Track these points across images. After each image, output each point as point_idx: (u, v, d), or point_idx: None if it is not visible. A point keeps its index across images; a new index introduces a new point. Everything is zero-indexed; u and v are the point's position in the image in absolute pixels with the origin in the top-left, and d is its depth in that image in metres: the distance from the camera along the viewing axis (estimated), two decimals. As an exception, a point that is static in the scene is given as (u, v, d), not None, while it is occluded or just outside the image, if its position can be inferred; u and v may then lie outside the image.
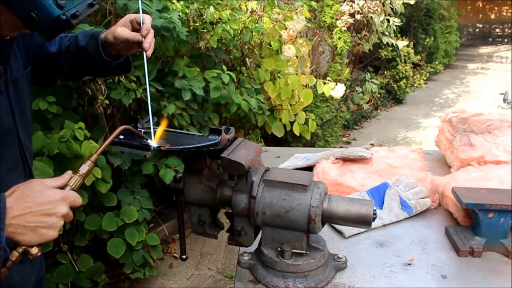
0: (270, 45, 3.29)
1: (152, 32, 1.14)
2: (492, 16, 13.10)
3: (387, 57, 6.89)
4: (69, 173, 0.90)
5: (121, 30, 1.14)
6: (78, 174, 0.89)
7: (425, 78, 8.46)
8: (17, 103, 1.02)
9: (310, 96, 3.60)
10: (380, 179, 1.50)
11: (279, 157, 1.82)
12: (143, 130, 1.05)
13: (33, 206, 0.81)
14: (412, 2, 5.66)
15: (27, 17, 0.86)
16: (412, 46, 7.37)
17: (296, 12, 3.53)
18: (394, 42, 5.67)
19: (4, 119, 0.98)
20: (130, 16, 1.16)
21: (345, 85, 4.13)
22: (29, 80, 1.11)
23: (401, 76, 7.10)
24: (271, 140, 3.96)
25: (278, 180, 1.02)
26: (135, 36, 1.12)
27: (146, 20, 1.14)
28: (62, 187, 0.87)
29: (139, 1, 1.17)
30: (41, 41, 1.20)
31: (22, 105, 1.05)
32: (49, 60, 1.22)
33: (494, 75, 9.45)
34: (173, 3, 2.57)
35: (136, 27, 1.14)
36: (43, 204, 0.82)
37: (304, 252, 1.04)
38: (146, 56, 1.11)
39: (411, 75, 7.47)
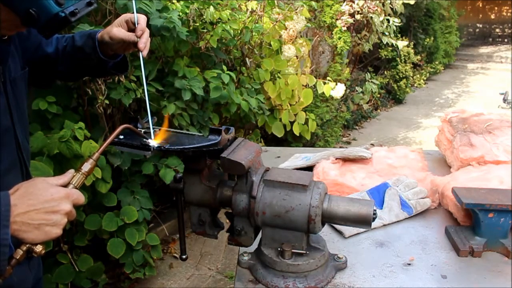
0: (270, 45, 3.29)
1: (147, 32, 1.14)
2: (492, 16, 13.09)
3: (387, 57, 6.89)
4: (71, 171, 0.90)
5: (117, 30, 1.14)
6: (80, 173, 0.89)
7: (425, 78, 8.45)
8: (15, 103, 1.03)
9: (310, 96, 3.60)
10: (380, 179, 1.50)
11: (279, 157, 1.82)
12: (143, 130, 1.05)
13: (37, 204, 0.81)
14: (412, 2, 5.66)
15: (25, 14, 0.86)
16: (412, 46, 7.37)
17: (296, 12, 3.53)
18: (394, 42, 5.67)
19: (2, 119, 0.98)
20: (125, 16, 1.16)
21: (345, 85, 4.13)
22: (27, 81, 1.11)
23: (401, 76, 7.09)
24: (271, 140, 3.96)
25: (278, 180, 1.02)
26: (130, 36, 1.13)
27: (141, 20, 1.14)
28: (65, 185, 0.87)
29: (133, 1, 1.16)
30: (38, 42, 1.19)
31: (20, 105, 1.06)
32: (46, 61, 1.22)
33: (494, 75, 9.44)
34: (173, 3, 2.57)
35: (131, 27, 1.15)
36: (47, 202, 0.82)
37: (304, 252, 1.04)
38: (142, 56, 1.11)
39: (411, 75, 7.47)
